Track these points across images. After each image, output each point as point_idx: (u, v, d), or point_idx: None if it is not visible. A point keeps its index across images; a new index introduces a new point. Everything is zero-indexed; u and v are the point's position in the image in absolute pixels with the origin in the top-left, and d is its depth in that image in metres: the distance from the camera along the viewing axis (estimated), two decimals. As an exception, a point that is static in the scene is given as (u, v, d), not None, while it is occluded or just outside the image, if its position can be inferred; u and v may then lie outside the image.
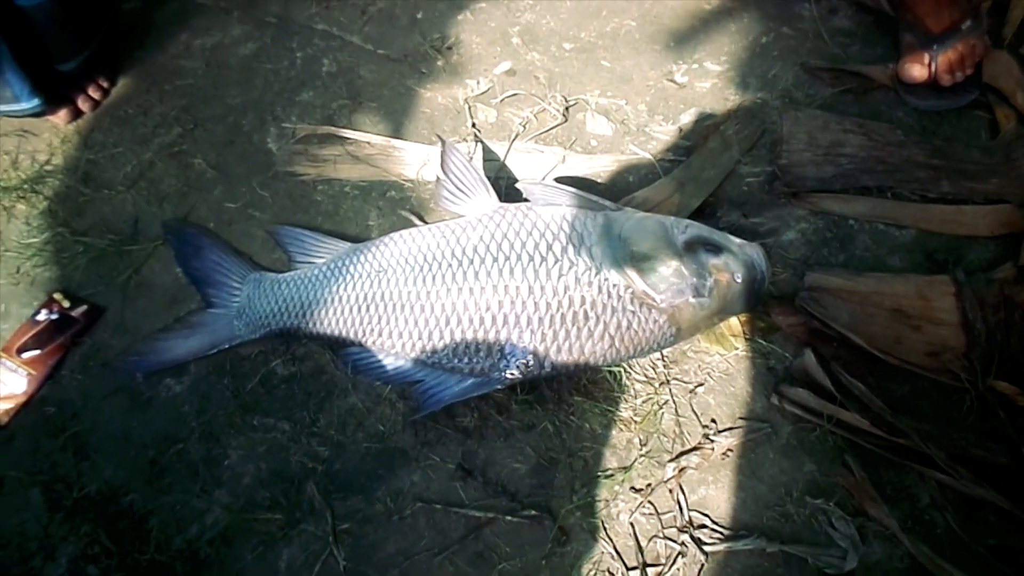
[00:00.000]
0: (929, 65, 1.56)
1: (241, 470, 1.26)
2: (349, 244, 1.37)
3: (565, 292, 1.23)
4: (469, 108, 1.60)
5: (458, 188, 1.34)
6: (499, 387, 1.25)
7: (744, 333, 1.33)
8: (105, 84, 1.63)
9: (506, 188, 1.49)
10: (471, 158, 1.49)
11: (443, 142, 1.36)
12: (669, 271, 1.24)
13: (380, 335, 1.28)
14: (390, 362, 1.29)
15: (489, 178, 1.34)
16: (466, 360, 1.25)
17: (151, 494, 1.25)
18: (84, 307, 1.39)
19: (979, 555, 1.15)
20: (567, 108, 1.60)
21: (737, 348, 1.32)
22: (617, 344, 1.23)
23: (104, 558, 1.20)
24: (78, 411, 1.32)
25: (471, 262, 1.26)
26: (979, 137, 1.54)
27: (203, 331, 1.35)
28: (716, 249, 1.26)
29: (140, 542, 1.21)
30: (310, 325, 1.31)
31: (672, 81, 1.64)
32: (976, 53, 1.56)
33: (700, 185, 1.49)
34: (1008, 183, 1.46)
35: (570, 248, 1.25)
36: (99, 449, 1.29)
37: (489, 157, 1.53)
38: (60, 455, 1.28)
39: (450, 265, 1.26)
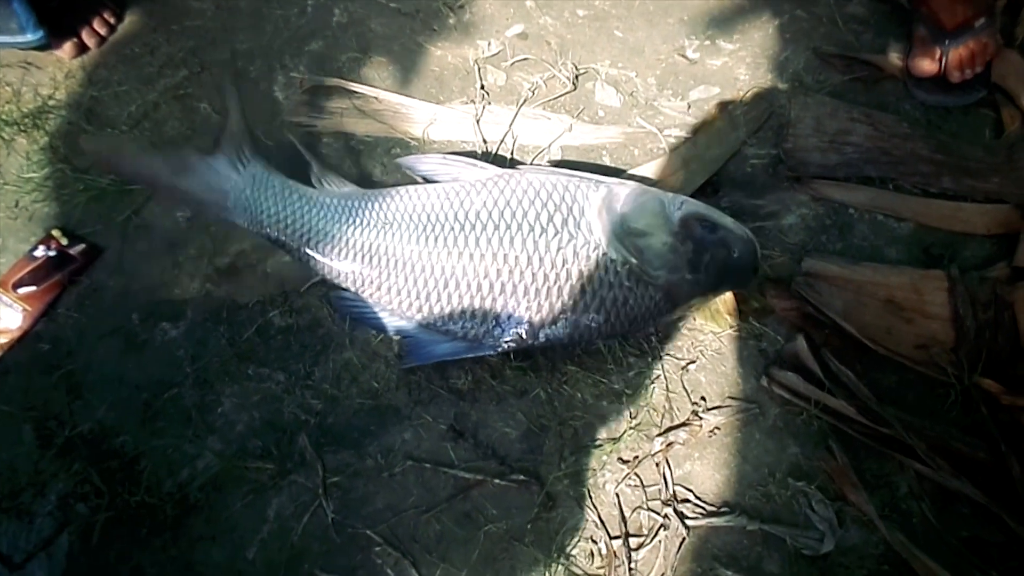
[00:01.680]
0: (939, 60, 1.56)
1: (234, 418, 1.27)
2: (355, 187, 1.35)
3: (563, 264, 1.23)
4: (479, 69, 1.59)
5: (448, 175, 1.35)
6: (490, 353, 1.27)
7: (738, 313, 1.34)
8: (112, 20, 1.60)
9: (512, 153, 1.49)
10: (476, 119, 1.48)
11: (402, 166, 1.37)
12: (665, 248, 1.24)
13: (377, 289, 1.28)
14: (384, 316, 1.29)
15: (495, 143, 1.33)
16: (461, 324, 1.25)
17: (143, 436, 1.26)
18: (82, 246, 1.39)
19: (952, 546, 1.18)
20: (577, 76, 1.59)
21: (731, 327, 1.33)
22: (612, 319, 1.24)
23: (94, 497, 1.21)
24: (72, 350, 1.32)
25: (472, 227, 1.26)
26: (983, 135, 1.55)
27: (193, 178, 1.30)
28: (712, 226, 1.27)
29: (130, 483, 1.22)
30: (311, 251, 1.28)
31: (683, 56, 1.64)
32: (987, 51, 1.56)
33: (705, 163, 1.50)
34: (1008, 183, 1.47)
35: (570, 220, 1.26)
36: (92, 389, 1.29)
37: (497, 121, 1.52)
38: (53, 393, 1.29)
39: (452, 228, 1.26)
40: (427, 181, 1.36)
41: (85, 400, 1.28)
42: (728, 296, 1.34)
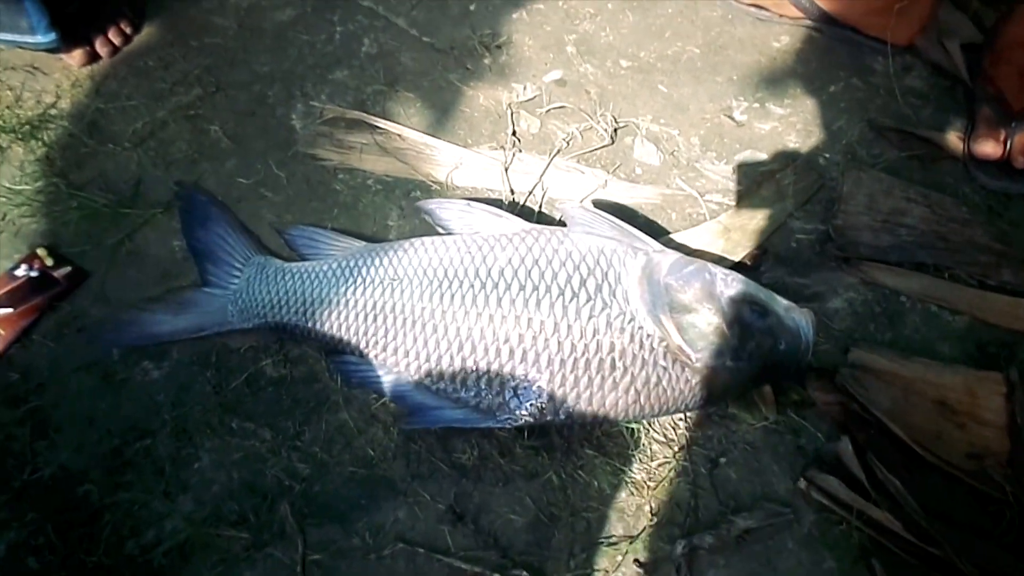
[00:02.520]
0: (1004, 143, 1.46)
1: (211, 476, 1.15)
2: (364, 243, 1.26)
3: (594, 335, 1.12)
4: (512, 114, 1.49)
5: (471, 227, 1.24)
6: (505, 426, 1.15)
7: (776, 404, 1.22)
8: (128, 30, 1.51)
9: (540, 206, 1.38)
10: (505, 167, 1.38)
11: (423, 211, 1.27)
12: (709, 328, 1.13)
13: (384, 350, 1.17)
14: (390, 380, 1.17)
15: (523, 194, 1.23)
16: (474, 392, 1.14)
17: (109, 488, 1.13)
18: (68, 268, 1.28)
19: None
20: (616, 130, 1.49)
21: (767, 419, 1.21)
22: (642, 400, 1.12)
23: (47, 552, 1.09)
24: (44, 382, 1.21)
25: (495, 285, 1.15)
26: (1047, 227, 1.44)
27: (193, 310, 1.24)
28: (762, 311, 1.16)
29: (89, 541, 1.09)
30: (309, 324, 1.20)
31: (730, 117, 1.53)
32: (1055, 138, 1.46)
33: (747, 234, 1.39)
34: (1073, 281, 1.36)
35: (605, 287, 1.14)
36: (60, 428, 1.18)
37: (526, 170, 1.42)
38: (16, 428, 1.17)
39: (472, 285, 1.15)
40: (444, 231, 1.25)
41: (50, 440, 1.16)
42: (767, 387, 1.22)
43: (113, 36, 1.49)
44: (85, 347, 1.22)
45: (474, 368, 1.13)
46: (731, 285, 1.17)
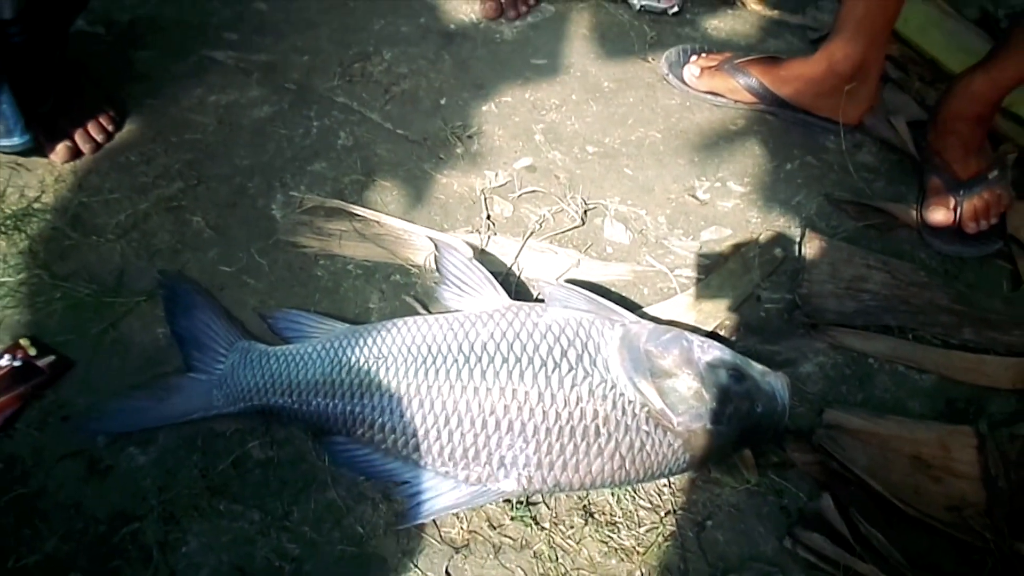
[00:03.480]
0: (954, 210, 1.54)
1: (200, 560, 1.13)
2: (347, 325, 1.29)
3: (577, 403, 1.14)
4: (485, 199, 1.55)
5: (461, 288, 1.28)
6: (494, 500, 1.16)
7: (757, 467, 1.24)
8: (109, 127, 1.56)
9: (516, 286, 1.42)
10: (474, 254, 1.42)
11: (436, 244, 1.31)
12: (690, 392, 1.16)
13: (371, 427, 1.18)
14: (377, 458, 1.18)
15: (499, 275, 1.28)
16: (462, 465, 1.15)
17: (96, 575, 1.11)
18: (51, 358, 1.28)
19: None
20: (585, 211, 1.55)
21: (749, 482, 1.23)
22: (627, 465, 1.14)
23: (31, 647, 1.06)
24: (28, 470, 1.19)
25: (478, 360, 1.17)
26: (1001, 287, 1.51)
27: (178, 396, 1.24)
28: (739, 376, 1.19)
29: (76, 633, 1.07)
30: (295, 406, 1.21)
31: (694, 197, 1.60)
32: (1001, 203, 1.55)
33: (717, 305, 1.44)
34: (1031, 338, 1.42)
35: (585, 356, 1.18)
36: (45, 517, 1.16)
37: (501, 252, 1.46)
38: (1, 518, 1.15)
39: (455, 360, 1.18)
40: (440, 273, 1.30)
41: (35, 529, 1.14)
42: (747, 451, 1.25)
43: (94, 132, 1.53)
44: (70, 435, 1.21)
45: (461, 441, 1.15)
46: (708, 351, 1.21)
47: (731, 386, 1.18)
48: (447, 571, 1.14)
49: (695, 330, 1.36)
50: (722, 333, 1.40)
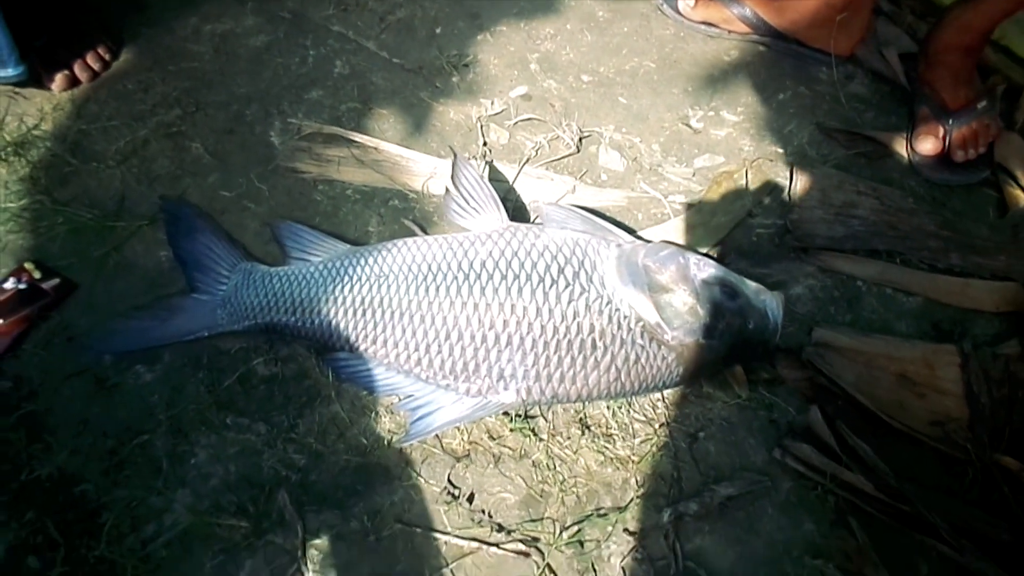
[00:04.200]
0: (943, 139, 1.56)
1: (208, 470, 1.17)
2: (348, 246, 1.31)
3: (574, 318, 1.17)
4: (482, 127, 1.56)
5: (468, 203, 1.30)
6: (494, 412, 1.19)
7: (748, 383, 1.28)
8: (106, 56, 1.56)
9: (513, 211, 1.44)
10: (482, 175, 1.44)
11: (455, 155, 1.33)
12: (685, 307, 1.19)
13: (373, 343, 1.21)
14: (380, 372, 1.21)
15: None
16: (463, 379, 1.18)
17: (106, 486, 1.15)
18: (56, 280, 1.30)
19: (977, 634, 1.10)
20: (581, 139, 1.57)
21: (740, 397, 1.27)
22: (623, 377, 1.18)
23: (48, 550, 1.09)
24: (36, 389, 1.22)
25: (478, 277, 1.20)
26: (987, 214, 1.54)
27: (182, 316, 1.26)
28: (733, 293, 1.22)
29: (89, 536, 1.10)
30: (298, 324, 1.23)
31: (687, 125, 1.62)
32: (989, 133, 1.57)
33: (709, 230, 1.46)
34: (1015, 262, 1.46)
35: (582, 273, 1.21)
36: (54, 432, 1.19)
37: (498, 178, 1.48)
38: (10, 433, 1.17)
39: (455, 277, 1.20)
40: (456, 185, 1.32)
41: (45, 444, 1.17)
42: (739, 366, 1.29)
43: (92, 62, 1.53)
44: (76, 354, 1.24)
45: (462, 355, 1.18)
46: (704, 268, 1.24)
47: (725, 303, 1.21)
48: (449, 479, 1.18)
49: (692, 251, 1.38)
50: (714, 256, 1.42)
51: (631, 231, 1.43)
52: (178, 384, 1.23)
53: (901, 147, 1.61)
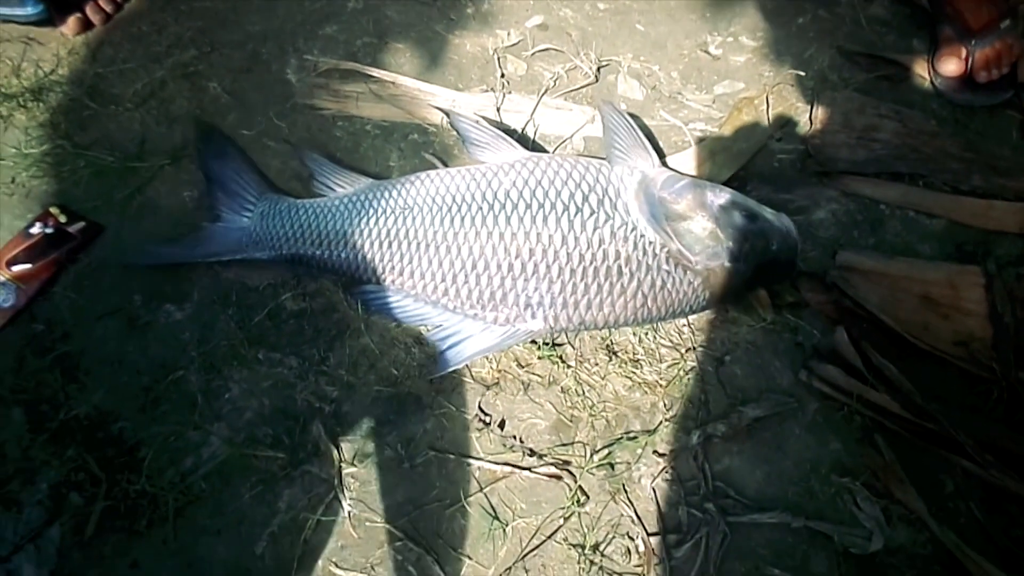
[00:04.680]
0: (966, 60, 1.54)
1: (243, 404, 1.19)
2: (371, 180, 1.31)
3: (600, 245, 1.18)
4: (498, 59, 1.54)
5: (480, 146, 1.30)
6: (522, 340, 1.20)
7: (772, 306, 1.29)
8: (118, -2, 1.54)
9: (534, 143, 1.44)
10: (496, 107, 1.44)
11: (446, 113, 1.35)
12: (706, 233, 1.20)
13: (401, 274, 1.22)
14: (408, 303, 1.22)
15: (515, 132, 1.29)
16: (490, 307, 1.19)
17: (143, 422, 1.17)
18: (82, 223, 1.31)
19: (1002, 546, 1.12)
20: (599, 68, 1.55)
21: (765, 320, 1.28)
22: (649, 303, 1.19)
23: (89, 486, 1.12)
24: (69, 331, 1.24)
25: (503, 207, 1.20)
26: (1010, 135, 1.52)
27: (210, 241, 1.29)
28: (752, 216, 1.22)
29: (129, 471, 1.13)
30: (324, 256, 1.24)
31: (706, 52, 1.60)
32: (1013, 52, 1.54)
33: (731, 157, 1.45)
34: (1039, 182, 1.45)
35: (606, 201, 1.21)
36: (89, 372, 1.21)
37: (517, 109, 1.47)
38: (47, 375, 1.20)
39: (480, 208, 1.21)
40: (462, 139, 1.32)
41: (81, 383, 1.20)
42: (763, 290, 1.29)
43: (103, 3, 1.52)
44: (107, 295, 1.25)
45: (489, 284, 1.19)
46: (720, 195, 1.24)
47: (745, 225, 1.21)
48: (480, 407, 1.19)
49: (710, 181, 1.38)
50: (736, 183, 1.42)
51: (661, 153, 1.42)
52: (208, 321, 1.24)
53: (923, 69, 1.58)
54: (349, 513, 1.12)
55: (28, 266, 1.26)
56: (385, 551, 1.11)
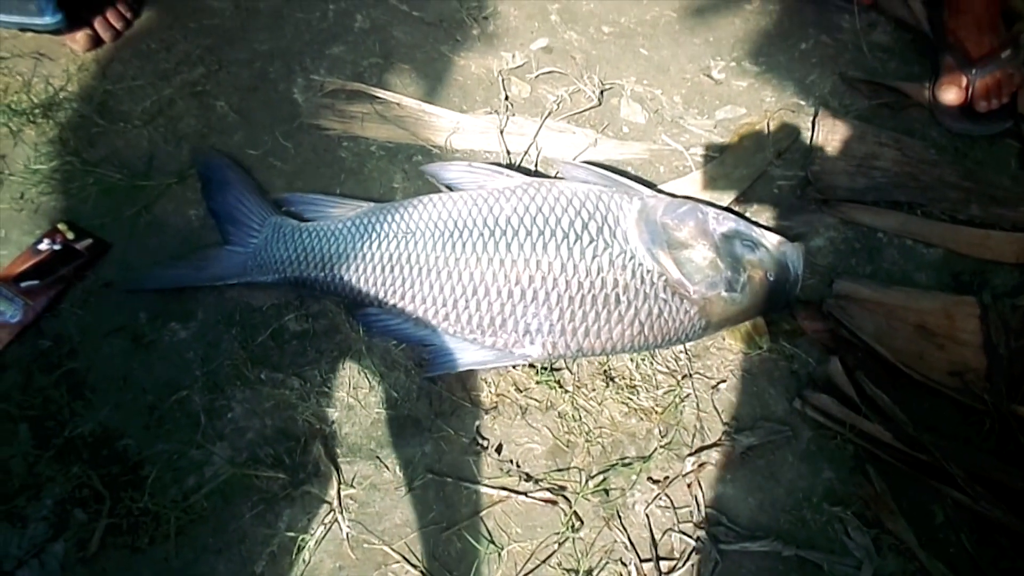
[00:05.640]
0: (966, 89, 1.55)
1: (245, 424, 1.21)
2: (371, 203, 1.33)
3: (598, 273, 1.20)
4: (503, 80, 1.56)
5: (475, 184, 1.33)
6: (519, 363, 1.22)
7: (769, 334, 1.30)
8: (127, 14, 1.56)
9: (536, 165, 1.46)
10: (500, 129, 1.45)
11: (426, 170, 1.38)
12: (705, 262, 1.21)
13: (402, 298, 1.23)
14: (409, 326, 1.24)
15: (518, 154, 1.31)
16: (489, 333, 1.21)
17: (148, 440, 1.19)
18: (89, 240, 1.33)
19: (991, 578, 1.14)
20: (602, 92, 1.57)
21: (762, 348, 1.29)
22: (646, 331, 1.20)
23: (93, 502, 1.14)
24: (75, 347, 1.26)
25: (503, 233, 1.22)
26: (1009, 165, 1.54)
27: (215, 264, 1.30)
28: (752, 245, 1.24)
29: (133, 488, 1.15)
30: (327, 279, 1.26)
31: (709, 76, 1.62)
32: (1013, 82, 1.56)
33: (731, 182, 1.47)
34: (1036, 213, 1.46)
35: (605, 229, 1.22)
36: (95, 389, 1.23)
37: (520, 132, 1.49)
38: (53, 391, 1.22)
39: (481, 234, 1.22)
40: (450, 189, 1.33)
41: (87, 400, 1.21)
42: (760, 318, 1.31)
43: (113, 19, 1.54)
44: (114, 312, 1.27)
45: (488, 310, 1.20)
46: (723, 223, 1.26)
47: (745, 255, 1.23)
48: (477, 430, 1.21)
49: (711, 205, 1.40)
50: (736, 209, 1.43)
51: (652, 185, 1.44)
52: (212, 340, 1.26)
53: (924, 97, 1.60)
54: (347, 534, 1.13)
55: (36, 282, 1.28)
56: (382, 573, 1.12)
